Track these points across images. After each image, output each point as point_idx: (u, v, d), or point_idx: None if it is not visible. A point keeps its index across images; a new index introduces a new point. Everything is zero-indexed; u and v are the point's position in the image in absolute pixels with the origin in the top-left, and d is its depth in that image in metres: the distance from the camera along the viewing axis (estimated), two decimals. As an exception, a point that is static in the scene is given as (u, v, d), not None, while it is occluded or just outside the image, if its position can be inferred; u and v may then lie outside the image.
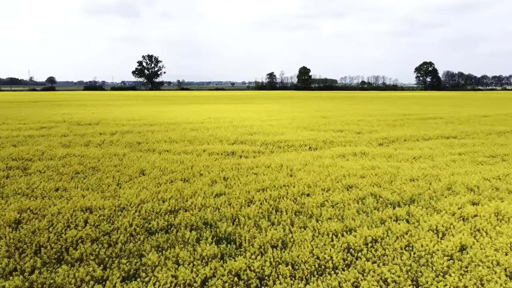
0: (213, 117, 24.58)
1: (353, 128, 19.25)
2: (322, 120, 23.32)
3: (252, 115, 26.73)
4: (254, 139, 15.26)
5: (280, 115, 26.46)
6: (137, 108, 33.78)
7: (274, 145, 14.34)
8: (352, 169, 10.03)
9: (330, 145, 14.65)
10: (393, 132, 18.11)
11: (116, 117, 24.21)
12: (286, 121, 22.69)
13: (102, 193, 7.86)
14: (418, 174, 9.48)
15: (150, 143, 14.51)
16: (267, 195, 7.65)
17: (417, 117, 26.09)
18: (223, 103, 43.80)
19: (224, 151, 12.77)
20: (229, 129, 18.42)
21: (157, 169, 10.09)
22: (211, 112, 28.63)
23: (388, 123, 22.28)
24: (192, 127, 19.43)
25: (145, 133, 17.26)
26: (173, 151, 12.85)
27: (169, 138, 15.59)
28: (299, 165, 10.54)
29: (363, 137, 16.45)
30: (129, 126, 19.45)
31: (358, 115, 26.87)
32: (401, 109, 33.79)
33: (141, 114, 26.58)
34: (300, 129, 19.15)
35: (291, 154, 12.52)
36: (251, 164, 10.67)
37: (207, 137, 15.78)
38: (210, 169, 10.08)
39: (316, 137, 15.97)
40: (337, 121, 22.75)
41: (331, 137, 16.19)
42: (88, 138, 15.46)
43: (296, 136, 16.31)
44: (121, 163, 10.78)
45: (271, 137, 15.98)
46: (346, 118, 24.26)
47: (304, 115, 26.51)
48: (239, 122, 21.50)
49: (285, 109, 32.90)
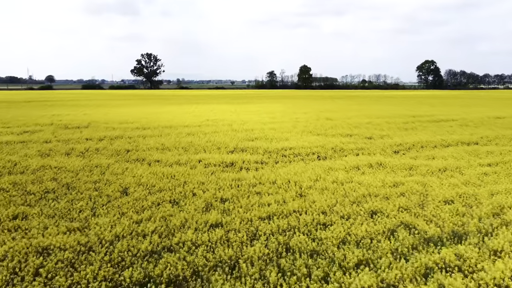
0: (211, 119, 23.08)
1: (362, 132, 17.76)
2: (327, 122, 21.82)
3: (253, 117, 25.23)
4: (256, 146, 13.77)
5: (282, 117, 24.96)
6: (132, 109, 32.27)
7: (278, 153, 12.85)
8: (372, 187, 8.54)
9: (340, 153, 13.15)
10: (407, 137, 16.61)
11: (108, 119, 22.71)
12: (289, 124, 21.19)
13: (70, 223, 6.36)
14: (452, 194, 7.99)
15: (140, 151, 13.02)
16: (274, 226, 6.16)
17: (427, 119, 24.59)
18: (222, 103, 42.27)
19: (222, 162, 11.28)
20: (228, 134, 16.93)
21: (143, 186, 8.60)
22: (209, 114, 27.13)
23: (398, 126, 20.79)
24: (188, 131, 17.93)
25: (136, 138, 15.76)
26: (165, 162, 11.35)
27: (161, 145, 14.10)
28: (309, 181, 9.05)
29: (375, 143, 14.95)
30: (120, 130, 17.94)
31: (365, 117, 25.36)
32: (408, 110, 32.28)
33: (135, 116, 25.06)
34: (305, 133, 17.66)
35: (298, 166, 11.03)
36: (253, 179, 9.17)
37: (204, 144, 14.29)
38: (206, 187, 8.59)
39: (324, 143, 14.48)
40: (344, 123, 21.25)
41: (340, 143, 14.70)
42: (72, 145, 13.96)
43: (301, 142, 14.81)
44: (102, 178, 9.28)
45: (274, 143, 14.49)
46: (353, 121, 22.76)
47: (308, 117, 25.01)
48: (239, 126, 20.00)
49: (287, 110, 31.40)
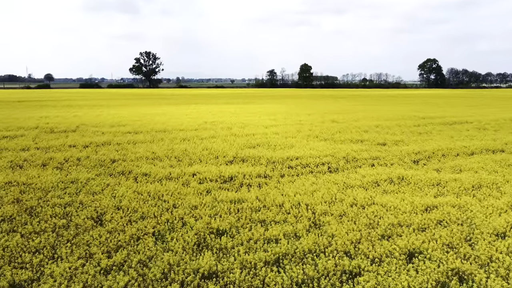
0: (209, 122, 21.57)
1: (373, 138, 16.25)
2: (334, 126, 20.30)
3: (254, 118, 23.71)
4: (258, 155, 12.27)
5: (285, 119, 23.44)
6: (126, 110, 30.74)
7: (283, 164, 11.35)
8: (400, 212, 7.04)
9: (353, 163, 11.64)
10: (424, 143, 15.11)
11: (99, 122, 21.20)
12: (293, 127, 19.68)
13: (16, 271, 4.85)
14: (501, 224, 6.48)
15: (128, 161, 11.51)
16: (286, 280, 4.65)
17: (439, 121, 23.08)
18: (221, 103, 40.73)
19: (219, 176, 9.77)
20: (227, 139, 15.42)
21: (122, 212, 7.09)
22: (207, 115, 25.60)
23: (411, 129, 19.28)
24: (183, 136, 16.41)
25: (126, 145, 14.25)
26: (154, 176, 9.84)
27: (152, 154, 12.59)
28: (323, 204, 7.55)
29: (390, 151, 13.45)
30: (109, 135, 16.43)
31: (373, 119, 23.85)
32: (416, 111, 30.76)
33: (128, 118, 23.55)
34: (311, 138, 16.15)
35: (308, 181, 9.52)
36: (255, 202, 7.66)
37: (199, 152, 12.78)
38: (199, 212, 7.08)
39: (334, 152, 12.97)
40: (352, 127, 19.74)
41: (352, 151, 13.19)
42: (51, 153, 12.44)
43: (309, 149, 13.30)
44: (76, 200, 7.77)
45: (278, 152, 12.98)
46: (361, 123, 21.24)
47: (312, 119, 23.49)
48: (239, 129, 18.49)
49: (290, 111, 29.88)
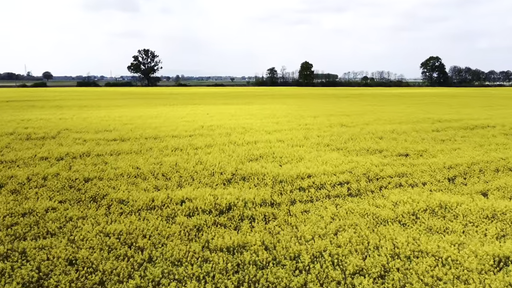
0: (206, 126, 19.54)
1: (392, 147, 14.23)
2: (344, 131, 18.28)
3: (255, 122, 21.68)
4: (261, 172, 10.26)
5: (289, 123, 21.40)
6: (118, 111, 28.68)
7: (293, 184, 9.35)
8: (464, 270, 5.02)
9: (377, 183, 9.62)
10: (452, 153, 13.11)
11: (84, 126, 19.16)
12: (299, 132, 17.65)
13: None
14: None
15: (105, 181, 9.51)
16: None
17: (458, 124, 21.06)
18: (220, 104, 38.64)
19: (214, 204, 7.76)
20: (225, 150, 13.40)
21: (76, 271, 5.07)
22: (204, 118, 23.55)
23: (431, 135, 17.27)
24: (176, 144, 14.40)
25: (107, 157, 12.23)
26: (131, 204, 7.84)
27: (136, 170, 10.57)
28: (354, 255, 5.54)
29: (417, 165, 11.43)
30: (91, 144, 14.41)
31: (385, 122, 21.83)
32: (428, 112, 28.70)
33: (118, 121, 21.52)
34: (322, 147, 14.13)
35: (327, 211, 7.52)
36: (261, 252, 5.64)
37: (192, 168, 10.77)
38: (182, 275, 5.06)
39: (351, 166, 10.96)
40: (364, 132, 17.72)
41: (372, 165, 11.18)
42: (14, 170, 10.38)
43: (321, 164, 11.29)
44: (17, 248, 5.75)
45: (286, 167, 10.95)
46: (373, 128, 19.22)
47: (319, 123, 21.45)
48: (239, 136, 16.48)
49: (293, 112, 27.84)
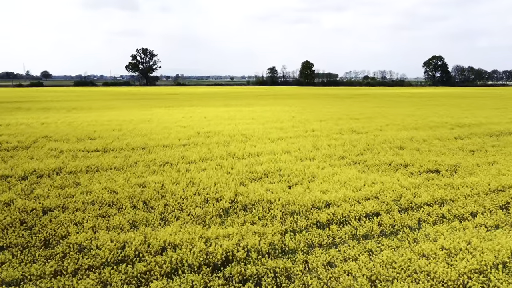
0: (202, 133, 17.53)
1: (418, 160, 12.22)
2: (357, 138, 16.25)
3: (257, 127, 19.65)
4: (267, 198, 8.27)
5: (294, 128, 19.37)
6: (110, 114, 26.64)
7: (307, 217, 7.35)
8: None
9: (414, 215, 7.60)
10: (491, 169, 11.12)
11: (67, 133, 17.14)
12: (307, 141, 15.63)
13: None
14: None
15: (68, 213, 7.52)
16: None
17: (480, 130, 19.04)
18: (219, 105, 36.54)
19: (206, 257, 5.75)
20: (223, 165, 11.39)
21: None
22: (201, 123, 21.51)
23: (456, 144, 15.27)
24: (165, 157, 12.39)
25: (81, 175, 10.22)
26: (93, 255, 5.82)
27: (112, 195, 8.57)
28: None
29: (455, 187, 9.42)
30: (67, 156, 12.40)
31: (399, 127, 19.81)
32: (442, 115, 26.64)
33: (106, 126, 19.50)
34: (336, 161, 12.11)
35: (358, 264, 5.50)
36: None
37: (181, 192, 8.78)
38: None
39: (377, 189, 8.95)
40: (380, 140, 15.71)
41: (402, 187, 9.18)
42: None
43: (339, 185, 9.28)
44: None
45: (296, 189, 8.93)
46: (389, 135, 17.19)
47: (327, 128, 19.42)
48: (239, 145, 14.47)
49: (297, 116, 25.80)
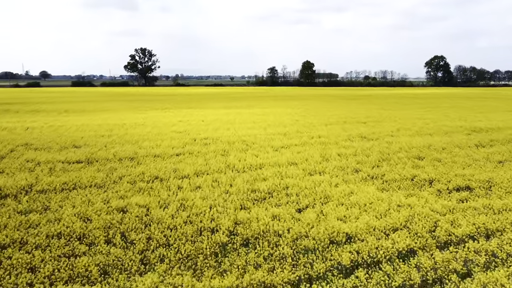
0: (199, 140, 16.04)
1: (443, 174, 10.70)
2: (368, 146, 14.70)
3: (258, 133, 18.11)
4: (273, 228, 6.73)
5: (299, 134, 17.81)
6: (103, 117, 25.09)
7: (325, 257, 5.87)
8: None
9: (459, 253, 6.06)
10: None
11: (50, 140, 15.64)
12: (314, 149, 14.09)
13: None
14: None
15: (22, 255, 6.04)
16: None
17: (501, 136, 17.48)
18: (218, 108, 34.92)
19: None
20: (222, 180, 9.87)
21: None
22: (199, 127, 19.97)
23: (480, 154, 13.74)
24: (155, 170, 10.87)
25: (53, 196, 8.70)
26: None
27: (84, 224, 7.05)
28: None
29: (497, 211, 7.91)
30: (43, 170, 10.89)
31: (413, 133, 18.28)
32: (455, 119, 24.98)
33: (95, 132, 18.01)
34: (350, 175, 10.56)
35: None
36: None
37: (169, 219, 7.27)
38: None
39: (405, 215, 7.43)
40: (395, 149, 14.19)
41: (434, 212, 7.66)
42: None
43: (359, 209, 7.78)
44: None
45: (307, 216, 7.39)
46: (403, 142, 15.60)
47: (335, 134, 17.85)
48: (239, 155, 12.94)
49: (301, 119, 24.25)
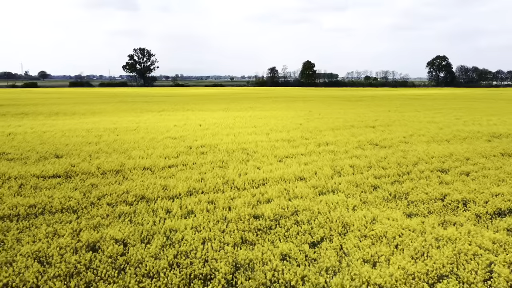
0: (195, 147, 14.55)
1: (478, 193, 9.16)
2: (382, 156, 13.20)
3: (260, 139, 16.59)
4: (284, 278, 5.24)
5: (304, 141, 16.28)
6: (93, 120, 23.56)
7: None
8: None
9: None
10: None
11: (30, 148, 14.16)
12: (324, 160, 12.57)
13: None
14: None
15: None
16: None
17: (526, 144, 15.94)
18: (218, 110, 33.37)
19: None
20: (218, 202, 8.33)
21: None
22: (196, 132, 18.43)
23: (509, 165, 12.17)
24: (142, 188, 9.34)
25: (12, 225, 7.18)
26: None
27: (42, 266, 5.50)
28: None
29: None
30: (13, 185, 9.39)
31: (429, 140, 16.78)
32: (468, 122, 23.46)
33: (83, 137, 16.51)
34: (368, 193, 9.02)
35: None
36: None
37: (152, 259, 5.70)
38: None
39: (447, 255, 5.91)
40: (412, 159, 12.69)
41: (485, 252, 6.14)
42: None
43: (386, 246, 6.28)
44: None
45: (324, 255, 5.88)
46: (421, 151, 14.12)
47: (343, 140, 16.31)
48: (239, 167, 11.40)
49: (305, 123, 22.73)
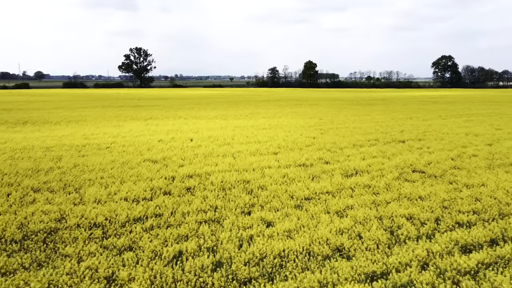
0: (180, 179, 10.60)
1: None
2: (449, 197, 9.29)
3: (267, 164, 12.68)
4: None
5: (326, 166, 12.36)
6: (64, 131, 19.60)
7: None
8: None
9: None
10: None
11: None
12: (364, 206, 8.66)
13: None
14: None
15: None
16: None
17: None
18: (214, 116, 29.38)
19: None
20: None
21: None
22: (183, 154, 14.47)
23: None
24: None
25: None
26: None
27: None
28: None
29: None
30: None
31: (486, 165, 12.92)
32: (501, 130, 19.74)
33: (33, 161, 12.58)
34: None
35: None
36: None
37: None
38: None
39: None
40: (491, 202, 8.76)
41: None
42: None
43: None
44: None
45: None
46: (493, 185, 10.22)
47: (376, 164, 12.41)
48: (238, 227, 7.51)
49: (320, 138, 18.79)
